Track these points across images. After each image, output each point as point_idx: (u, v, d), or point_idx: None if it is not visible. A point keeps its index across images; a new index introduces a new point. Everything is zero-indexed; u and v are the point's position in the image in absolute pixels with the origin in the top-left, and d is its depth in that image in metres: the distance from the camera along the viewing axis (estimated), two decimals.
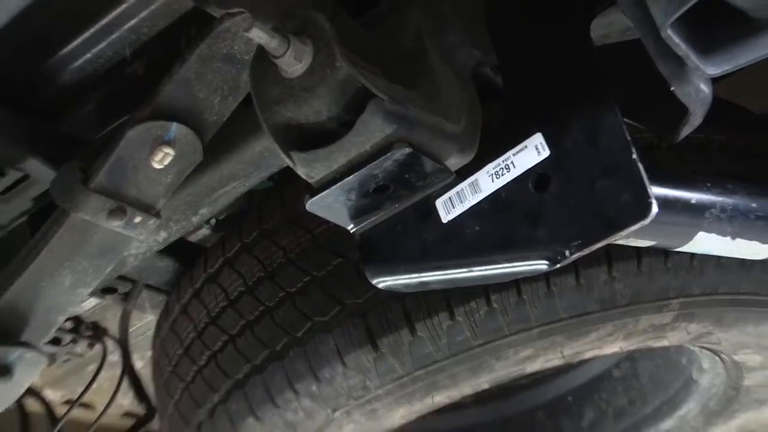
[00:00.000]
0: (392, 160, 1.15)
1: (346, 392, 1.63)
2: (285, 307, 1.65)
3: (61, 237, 1.45)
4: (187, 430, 1.82)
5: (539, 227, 1.19)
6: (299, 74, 1.12)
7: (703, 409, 2.14)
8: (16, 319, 1.54)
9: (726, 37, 1.06)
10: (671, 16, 0.98)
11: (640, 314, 1.58)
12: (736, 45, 1.06)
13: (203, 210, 1.66)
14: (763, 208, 1.34)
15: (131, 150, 1.36)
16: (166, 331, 1.89)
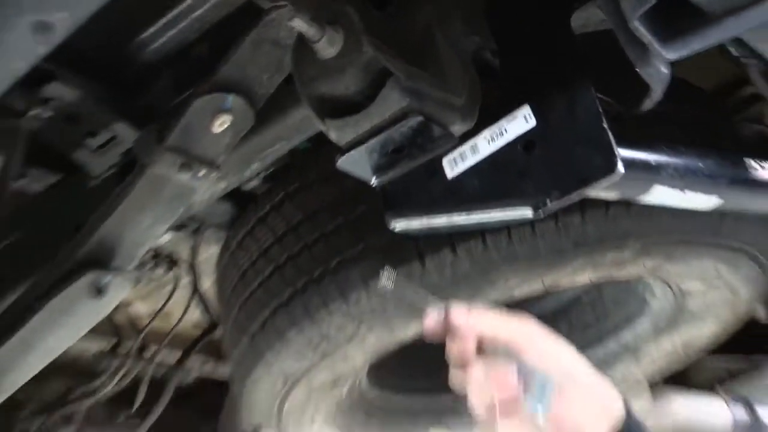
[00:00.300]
0: (407, 126, 1.14)
1: (368, 311, 1.63)
2: (320, 244, 1.65)
3: (141, 187, 1.44)
4: (243, 338, 1.82)
5: (526, 182, 1.19)
6: (332, 56, 1.11)
7: (654, 326, 2.15)
8: (108, 250, 1.53)
9: (683, 28, 1.03)
10: (638, 11, 0.98)
11: (606, 251, 1.58)
12: (691, 34, 1.04)
13: (254, 165, 1.65)
14: (708, 168, 1.33)
15: (197, 116, 1.35)
16: (226, 260, 1.90)
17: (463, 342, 1.02)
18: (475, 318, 1.04)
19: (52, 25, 0.88)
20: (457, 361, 1.04)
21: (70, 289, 1.52)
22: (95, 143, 1.54)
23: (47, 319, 1.55)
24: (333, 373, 1.85)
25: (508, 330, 1.03)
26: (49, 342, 1.61)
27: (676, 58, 1.07)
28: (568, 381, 1.03)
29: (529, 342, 1.03)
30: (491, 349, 1.02)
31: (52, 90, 1.41)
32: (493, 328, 1.03)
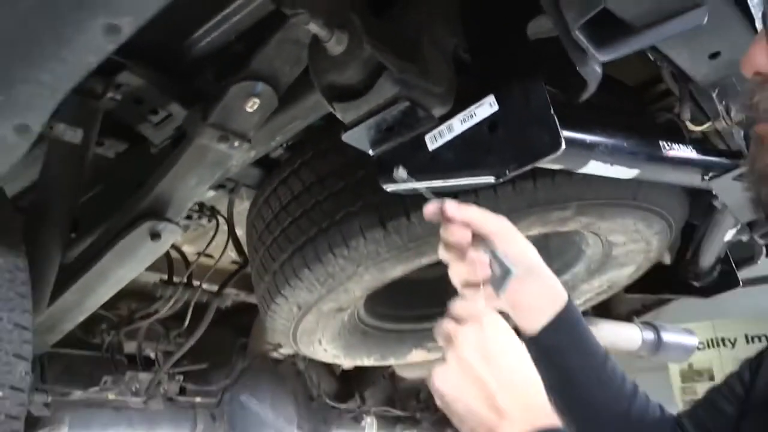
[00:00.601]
0: (397, 109, 1.15)
1: (365, 255, 1.63)
2: (329, 201, 1.64)
3: (188, 154, 1.46)
4: (266, 275, 1.83)
5: (490, 155, 1.19)
6: (339, 53, 1.11)
7: (587, 269, 2.15)
8: (162, 204, 1.55)
9: (613, 37, 1.04)
10: (578, 22, 0.98)
11: (551, 211, 1.58)
12: (619, 42, 1.04)
13: (278, 138, 1.66)
14: (631, 147, 1.34)
15: (233, 99, 1.37)
16: (254, 213, 1.90)
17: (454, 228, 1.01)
18: (465, 210, 1.02)
19: (119, 27, 0.88)
20: (449, 243, 1.03)
21: (133, 233, 1.53)
22: (155, 119, 1.55)
23: (116, 256, 1.57)
24: (337, 303, 1.85)
25: (490, 223, 1.03)
26: (119, 273, 1.63)
27: (607, 60, 1.07)
28: (529, 270, 1.04)
29: (505, 236, 1.03)
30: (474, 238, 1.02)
31: (123, 78, 1.43)
32: (479, 219, 1.02)
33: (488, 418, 0.83)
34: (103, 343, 2.33)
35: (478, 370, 0.84)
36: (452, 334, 0.88)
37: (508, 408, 0.83)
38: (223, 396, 2.75)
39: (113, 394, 2.26)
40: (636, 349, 3.05)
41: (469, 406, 0.84)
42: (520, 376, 0.86)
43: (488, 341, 0.86)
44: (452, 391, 0.85)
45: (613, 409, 1.07)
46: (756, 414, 0.94)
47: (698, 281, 2.42)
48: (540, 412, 0.84)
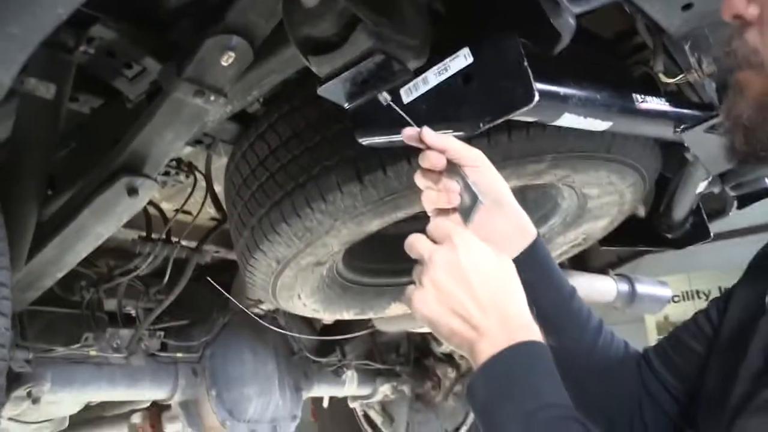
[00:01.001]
0: (372, 62, 1.15)
1: (342, 209, 1.63)
2: (305, 155, 1.64)
3: (164, 109, 1.45)
4: (244, 230, 1.83)
5: (464, 108, 1.21)
6: (314, 5, 1.11)
7: (563, 222, 2.17)
8: (139, 159, 1.55)
9: None
10: None
11: (526, 164, 1.58)
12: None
13: (254, 92, 1.64)
14: (603, 99, 1.35)
15: (208, 53, 1.35)
16: (232, 168, 1.89)
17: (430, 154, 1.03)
18: (442, 138, 1.04)
19: None
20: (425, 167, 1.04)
21: (110, 189, 1.53)
22: (130, 74, 1.53)
23: (94, 213, 1.57)
24: (315, 257, 1.85)
25: (465, 152, 1.04)
26: (96, 230, 1.63)
27: (581, 12, 1.08)
28: (498, 203, 1.07)
29: (478, 167, 1.05)
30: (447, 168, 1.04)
31: (96, 31, 1.40)
32: (454, 147, 1.03)
33: (467, 337, 0.86)
34: (83, 300, 2.33)
35: (453, 290, 0.87)
36: (426, 257, 0.90)
37: (484, 325, 0.86)
38: (204, 351, 2.77)
39: (94, 351, 2.27)
40: (611, 301, 3.11)
41: (449, 326, 0.87)
42: (494, 292, 0.88)
43: (460, 261, 0.89)
44: (432, 314, 0.88)
45: (579, 344, 1.10)
46: (721, 352, 0.97)
47: (671, 233, 2.47)
48: (517, 325, 0.87)
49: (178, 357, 2.66)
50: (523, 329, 0.86)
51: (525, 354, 0.85)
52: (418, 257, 0.92)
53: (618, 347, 1.14)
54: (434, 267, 0.89)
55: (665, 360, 1.09)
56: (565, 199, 2.05)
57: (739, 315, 0.97)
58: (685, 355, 1.06)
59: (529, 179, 1.68)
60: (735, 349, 0.90)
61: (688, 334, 1.07)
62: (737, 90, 0.86)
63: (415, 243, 0.94)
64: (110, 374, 2.37)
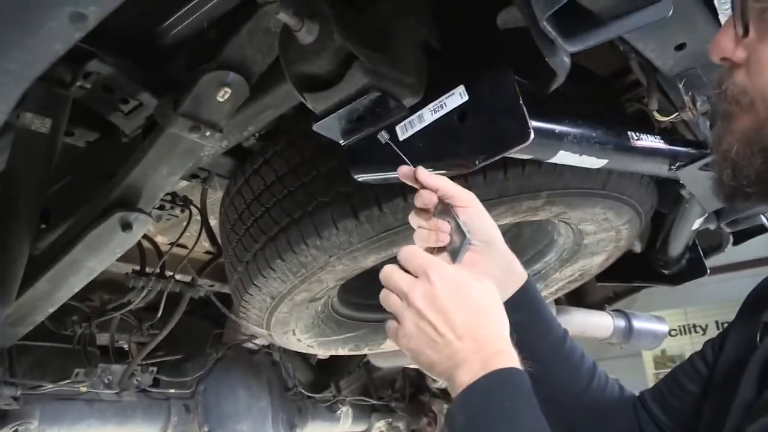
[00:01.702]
0: (368, 99, 1.15)
1: (338, 245, 1.62)
2: (301, 191, 1.63)
3: (160, 144, 1.45)
4: (240, 266, 1.82)
5: (460, 145, 1.20)
6: (310, 43, 1.11)
7: (559, 258, 2.17)
8: (134, 194, 1.54)
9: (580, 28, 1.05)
10: (546, 13, 0.99)
11: (522, 200, 1.58)
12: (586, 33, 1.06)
13: (251, 127, 1.64)
14: (599, 137, 1.35)
15: (204, 89, 1.35)
16: (227, 203, 1.88)
17: (423, 193, 1.05)
18: (436, 177, 1.06)
19: (86, 16, 0.88)
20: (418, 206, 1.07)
21: (105, 224, 1.52)
22: (126, 108, 1.52)
23: (87, 247, 1.56)
24: (310, 293, 1.84)
25: (457, 192, 1.06)
26: (89, 264, 1.62)
27: (575, 50, 1.09)
28: (487, 244, 1.08)
29: (469, 208, 1.06)
30: (439, 208, 1.06)
31: (93, 66, 1.40)
32: (447, 187, 1.05)
33: (446, 366, 0.88)
34: (75, 335, 2.31)
35: (430, 321, 0.88)
36: (404, 290, 0.91)
37: (460, 353, 0.87)
38: (197, 387, 2.74)
39: (85, 387, 2.24)
40: (608, 337, 3.10)
41: (428, 357, 0.89)
42: (470, 320, 0.89)
43: (437, 293, 0.90)
44: (413, 346, 0.90)
45: (572, 387, 1.10)
46: (715, 391, 0.97)
47: (667, 269, 2.47)
48: (493, 351, 0.87)
49: (170, 393, 2.63)
50: (499, 355, 0.87)
51: (501, 381, 0.85)
52: (395, 290, 0.93)
53: (612, 389, 1.13)
54: (413, 301, 0.90)
55: (661, 402, 1.08)
56: (561, 235, 2.04)
57: (734, 354, 0.97)
58: (681, 396, 1.06)
59: (525, 216, 1.68)
60: (728, 387, 0.89)
61: (684, 375, 1.07)
62: (726, 125, 0.87)
63: (391, 276, 0.94)
64: (101, 411, 2.33)
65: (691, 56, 1.23)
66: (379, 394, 3.79)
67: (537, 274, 2.27)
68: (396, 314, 0.92)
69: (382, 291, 0.95)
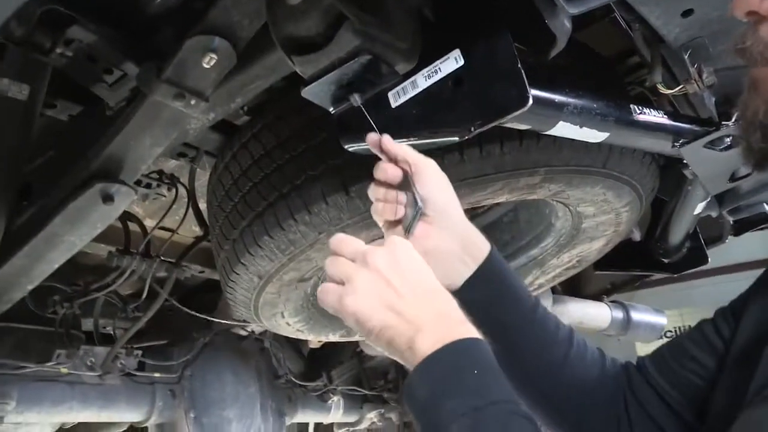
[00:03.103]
0: (358, 63, 1.11)
1: (327, 221, 1.58)
2: (290, 165, 1.59)
3: (142, 112, 1.40)
4: (226, 244, 1.78)
5: (455, 112, 1.17)
6: (298, 2, 1.07)
7: (556, 243, 2.14)
8: (115, 165, 1.50)
9: None
10: None
11: (519, 177, 1.54)
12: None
13: (238, 99, 1.59)
14: (600, 108, 1.31)
15: (189, 54, 1.30)
16: (215, 180, 1.84)
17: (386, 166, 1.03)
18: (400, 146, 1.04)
19: None
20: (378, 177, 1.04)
21: (84, 195, 1.48)
22: (110, 79, 1.47)
23: (67, 220, 1.52)
24: (299, 272, 1.80)
25: (419, 161, 1.03)
26: (69, 239, 1.57)
27: (577, 12, 1.05)
28: (442, 215, 1.04)
29: (428, 179, 1.03)
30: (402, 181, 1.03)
31: (74, 32, 1.34)
32: (410, 155, 1.03)
33: (402, 331, 0.83)
34: (58, 316, 2.26)
35: (388, 283, 0.85)
36: (363, 253, 0.88)
37: (421, 319, 0.83)
38: (184, 372, 2.70)
39: (66, 369, 2.20)
40: (605, 328, 3.07)
41: (382, 321, 0.84)
42: (432, 289, 0.87)
43: (400, 257, 0.87)
44: (362, 309, 0.85)
45: (548, 357, 1.06)
46: (732, 369, 0.93)
47: (668, 258, 2.44)
48: (456, 320, 0.85)
49: (155, 377, 2.59)
50: (462, 324, 0.84)
51: (467, 350, 0.82)
52: (349, 254, 0.90)
53: (593, 356, 1.10)
54: (373, 261, 0.86)
55: (663, 367, 1.04)
56: (559, 219, 2.01)
57: (753, 329, 0.93)
58: (689, 365, 1.01)
59: (522, 194, 1.64)
60: (745, 366, 0.85)
61: (693, 344, 1.02)
62: (752, 88, 0.84)
63: (346, 240, 0.92)
64: (83, 393, 2.29)
65: (698, 24, 1.19)
66: (372, 385, 3.76)
67: (534, 259, 2.24)
68: (343, 276, 0.88)
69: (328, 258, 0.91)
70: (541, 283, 2.42)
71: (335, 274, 0.89)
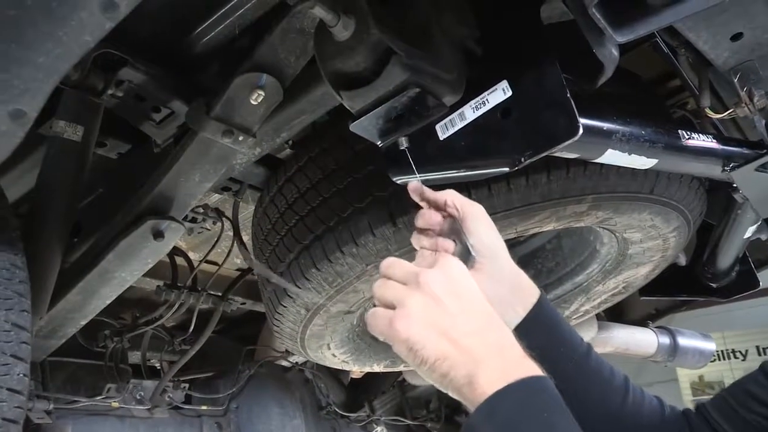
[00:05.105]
0: (407, 96, 1.12)
1: (374, 253, 1.58)
2: (336, 197, 1.60)
3: (192, 149, 1.42)
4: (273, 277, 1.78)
5: (504, 142, 1.16)
6: (346, 39, 1.08)
7: (602, 269, 2.11)
8: (165, 201, 1.52)
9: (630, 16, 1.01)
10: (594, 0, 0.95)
11: (566, 204, 1.53)
12: (637, 22, 1.01)
13: (284, 134, 1.62)
14: (649, 135, 1.30)
15: (237, 91, 1.33)
16: (260, 214, 1.86)
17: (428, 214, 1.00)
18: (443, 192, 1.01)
19: (117, 4, 0.85)
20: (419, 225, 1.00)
21: (136, 232, 1.50)
22: (158, 117, 1.52)
23: (118, 256, 1.54)
24: (346, 304, 1.81)
25: (464, 206, 1.00)
26: (121, 274, 1.60)
27: (625, 41, 1.04)
28: (492, 262, 0.99)
29: (476, 224, 0.99)
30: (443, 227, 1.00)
31: (125, 73, 1.39)
32: (454, 199, 1.00)
33: (462, 362, 0.77)
34: (107, 351, 2.29)
35: (448, 306, 0.79)
36: (415, 275, 0.82)
37: (482, 351, 0.77)
38: (230, 404, 2.70)
39: (117, 403, 2.21)
40: (652, 354, 3.00)
41: (438, 349, 0.77)
42: (490, 317, 0.82)
43: (456, 279, 0.83)
44: (418, 335, 0.78)
45: (604, 406, 1.01)
46: None
47: (716, 282, 2.38)
48: (519, 355, 0.79)
49: (202, 410, 2.60)
50: (525, 359, 0.78)
51: (535, 390, 0.76)
52: (400, 276, 0.84)
53: (651, 404, 1.05)
54: (423, 282, 0.81)
55: (728, 413, 1.00)
56: (604, 245, 1.98)
57: None
58: (757, 409, 0.97)
59: (569, 222, 1.63)
60: None
61: (758, 386, 0.98)
62: None
63: (397, 262, 0.86)
64: (133, 427, 2.30)
65: (748, 47, 1.17)
66: (414, 414, 3.72)
67: (579, 286, 2.21)
68: (394, 300, 0.82)
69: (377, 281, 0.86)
70: (586, 310, 2.38)
71: (385, 297, 0.83)
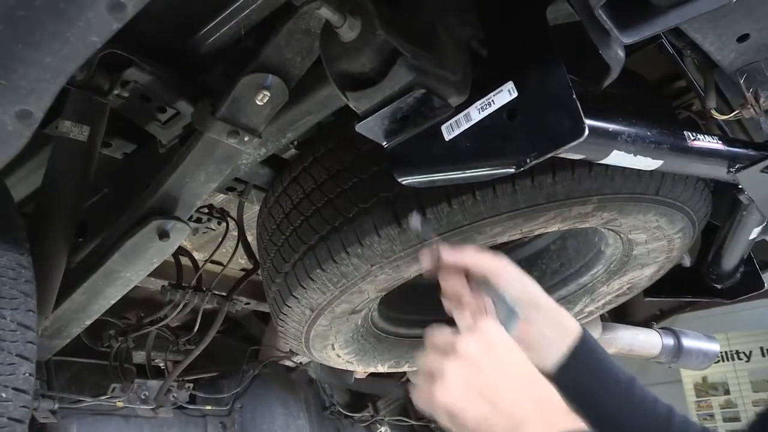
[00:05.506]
0: (412, 97, 1.12)
1: (379, 254, 1.58)
2: (341, 198, 1.60)
3: (197, 149, 1.43)
4: (277, 277, 1.79)
5: (509, 144, 1.16)
6: (352, 39, 1.09)
7: (606, 270, 2.10)
8: (171, 201, 1.53)
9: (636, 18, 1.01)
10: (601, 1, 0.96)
11: (571, 206, 1.53)
12: (643, 23, 1.01)
13: (289, 134, 1.62)
14: (654, 136, 1.29)
15: (243, 92, 1.34)
16: (265, 214, 1.86)
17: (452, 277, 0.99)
18: (461, 253, 1.00)
19: (124, 5, 0.85)
20: (448, 293, 1.01)
21: (141, 232, 1.51)
22: (163, 118, 1.52)
23: (124, 256, 1.55)
24: (350, 304, 1.80)
25: (488, 263, 1.00)
26: (126, 274, 1.60)
27: (631, 42, 1.04)
28: (535, 308, 1.02)
29: (505, 276, 1.00)
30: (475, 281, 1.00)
31: (130, 74, 1.40)
32: (476, 260, 1.00)
33: (503, 424, 0.77)
34: (112, 350, 2.29)
35: (485, 369, 0.81)
36: (452, 343, 0.84)
37: (523, 410, 0.78)
38: (234, 404, 2.71)
39: (122, 402, 2.22)
40: (656, 355, 3.00)
41: (478, 413, 0.79)
42: (530, 375, 0.82)
43: (492, 341, 0.83)
44: (456, 401, 0.80)
45: None
46: None
47: (721, 283, 2.37)
48: (559, 411, 0.79)
49: (207, 410, 2.60)
50: (567, 415, 0.79)
51: None
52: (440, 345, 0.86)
53: None
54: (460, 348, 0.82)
55: None
56: (609, 246, 1.98)
57: None
58: None
59: (574, 223, 1.62)
60: None
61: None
62: None
63: (437, 332, 0.88)
64: (138, 427, 2.31)
65: (754, 48, 1.17)
66: (418, 415, 3.71)
67: (584, 287, 2.21)
68: (433, 370, 0.83)
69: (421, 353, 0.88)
70: (591, 311, 2.38)
71: (426, 368, 0.85)
